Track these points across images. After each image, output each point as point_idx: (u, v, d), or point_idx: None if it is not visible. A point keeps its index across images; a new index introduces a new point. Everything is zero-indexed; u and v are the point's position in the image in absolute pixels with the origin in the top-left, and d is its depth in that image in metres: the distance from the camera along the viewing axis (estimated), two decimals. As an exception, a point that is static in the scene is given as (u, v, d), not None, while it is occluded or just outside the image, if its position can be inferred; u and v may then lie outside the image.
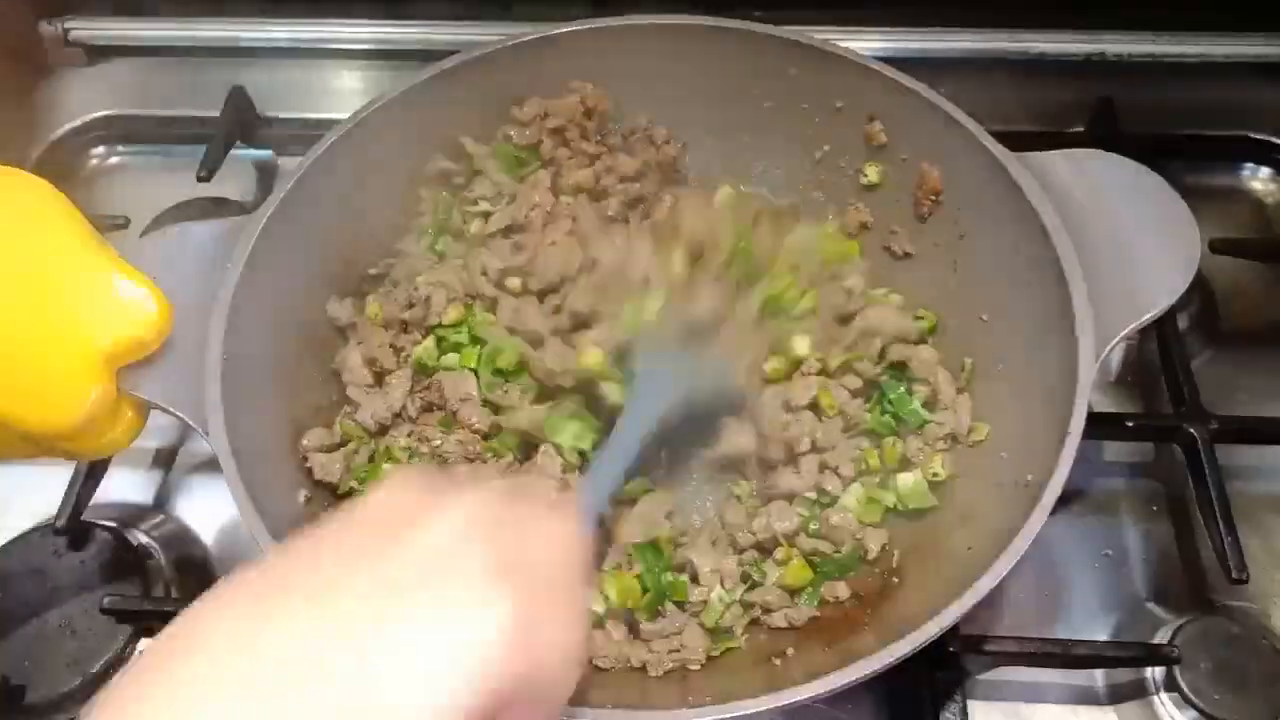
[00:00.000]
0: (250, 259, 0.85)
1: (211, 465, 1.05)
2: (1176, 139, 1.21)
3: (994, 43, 1.28)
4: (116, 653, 0.91)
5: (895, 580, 0.84)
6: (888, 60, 0.97)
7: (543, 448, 0.89)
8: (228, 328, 0.81)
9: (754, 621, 0.85)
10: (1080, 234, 0.84)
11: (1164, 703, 0.88)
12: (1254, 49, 1.26)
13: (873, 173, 1.02)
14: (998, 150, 0.90)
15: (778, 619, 0.83)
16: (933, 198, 0.97)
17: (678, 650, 0.81)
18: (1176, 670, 0.87)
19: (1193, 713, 0.86)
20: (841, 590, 0.85)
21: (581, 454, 0.89)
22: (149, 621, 0.92)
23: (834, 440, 0.91)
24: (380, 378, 0.94)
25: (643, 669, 0.80)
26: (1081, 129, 1.22)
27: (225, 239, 0.86)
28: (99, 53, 1.35)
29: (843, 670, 0.68)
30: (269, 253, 0.87)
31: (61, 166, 1.29)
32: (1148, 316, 0.81)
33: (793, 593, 0.85)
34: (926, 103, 0.94)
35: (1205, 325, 1.10)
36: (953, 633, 0.83)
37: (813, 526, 0.87)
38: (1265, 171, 1.22)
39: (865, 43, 1.23)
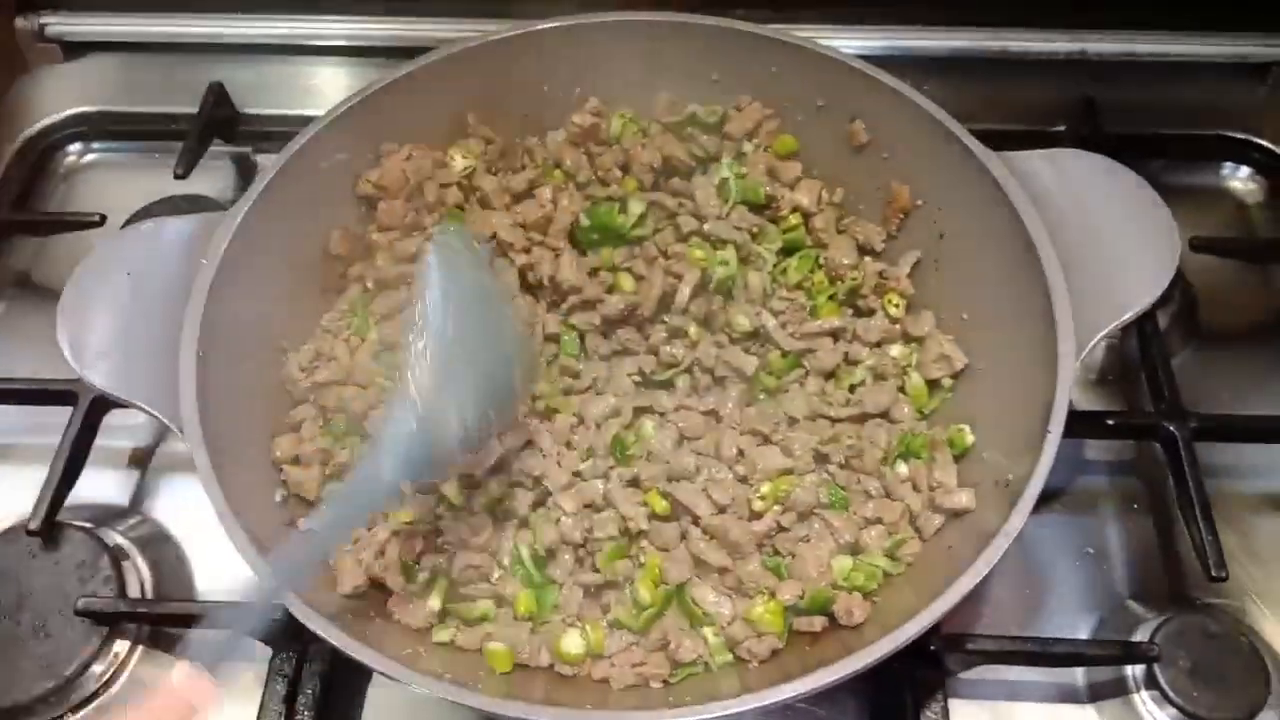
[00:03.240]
0: (226, 254, 0.84)
1: (187, 466, 1.02)
2: (1157, 138, 1.21)
3: (976, 42, 1.28)
4: (91, 655, 0.90)
5: (878, 585, 0.84)
6: (869, 59, 0.97)
7: None
8: (202, 324, 0.81)
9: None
10: (1060, 233, 0.84)
11: (1144, 700, 0.88)
12: (1233, 49, 1.27)
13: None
14: (978, 149, 0.90)
15: (751, 648, 0.81)
16: (902, 215, 0.98)
17: (641, 665, 0.80)
18: (1156, 668, 0.87)
19: (1172, 710, 0.86)
20: (818, 622, 0.82)
21: None
22: (124, 623, 0.91)
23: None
24: None
25: (605, 682, 0.80)
26: (1063, 128, 1.22)
27: (201, 234, 0.85)
28: (75, 48, 1.34)
29: (822, 670, 0.68)
30: (245, 249, 0.86)
31: (36, 163, 1.28)
32: (1127, 316, 0.81)
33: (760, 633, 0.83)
34: (907, 102, 0.94)
35: (1185, 323, 1.10)
36: (934, 631, 0.83)
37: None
38: (1245, 170, 1.23)
39: (848, 41, 1.23)
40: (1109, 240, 0.84)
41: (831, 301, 0.97)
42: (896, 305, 0.97)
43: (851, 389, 0.94)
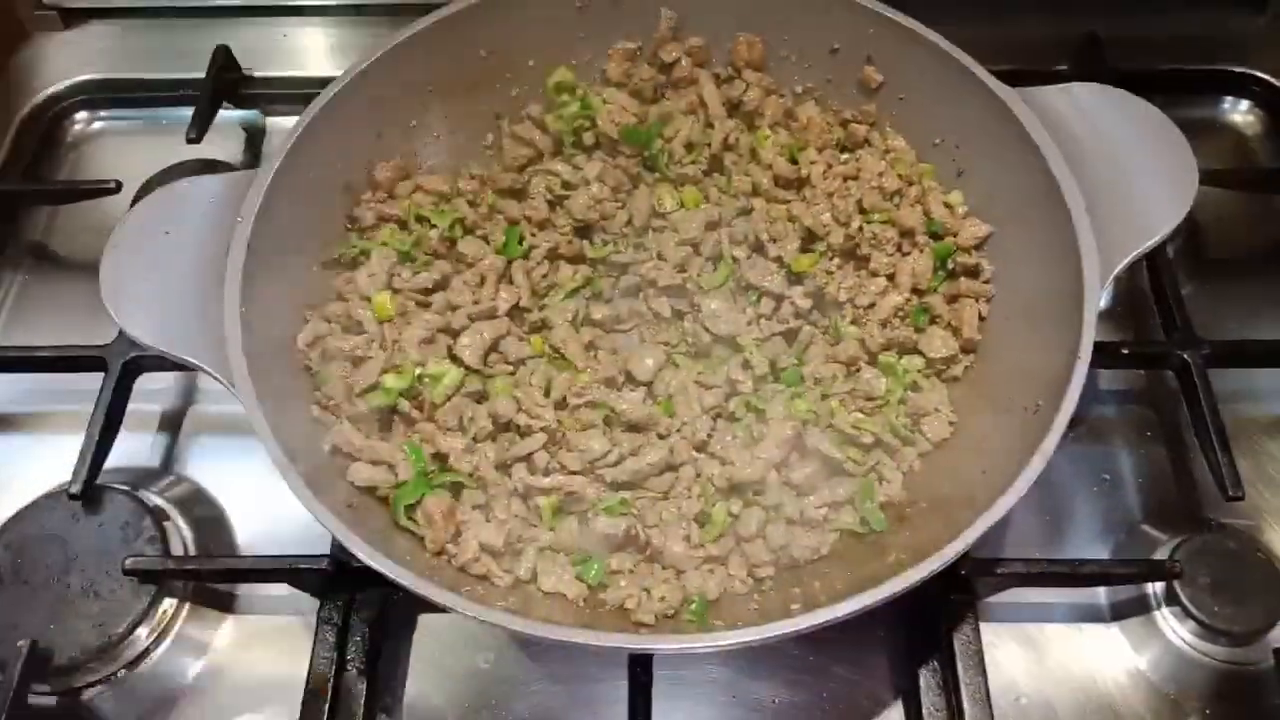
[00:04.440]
0: (260, 210, 0.85)
1: (218, 426, 1.06)
2: (1160, 73, 1.23)
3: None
4: (140, 613, 0.91)
5: (910, 511, 0.86)
6: (876, 2, 0.98)
7: None
8: (242, 279, 0.82)
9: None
10: (1079, 166, 0.86)
11: (1165, 617, 0.92)
12: (1231, -17, 1.28)
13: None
14: (996, 86, 0.91)
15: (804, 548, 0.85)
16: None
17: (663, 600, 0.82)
18: (1177, 585, 0.90)
19: (1193, 624, 0.90)
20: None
21: None
22: (172, 580, 0.93)
23: None
24: None
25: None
26: (1066, 66, 1.23)
27: (233, 192, 0.86)
28: (75, 15, 1.32)
29: (869, 591, 0.70)
30: (277, 205, 0.87)
31: (44, 132, 1.27)
32: (1150, 243, 0.83)
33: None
34: (923, 40, 0.95)
35: (1192, 254, 1.13)
36: (964, 556, 0.85)
37: None
38: (1245, 104, 1.25)
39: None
40: (1127, 169, 0.86)
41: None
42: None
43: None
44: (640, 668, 0.83)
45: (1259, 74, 1.23)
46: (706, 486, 0.86)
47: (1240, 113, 1.25)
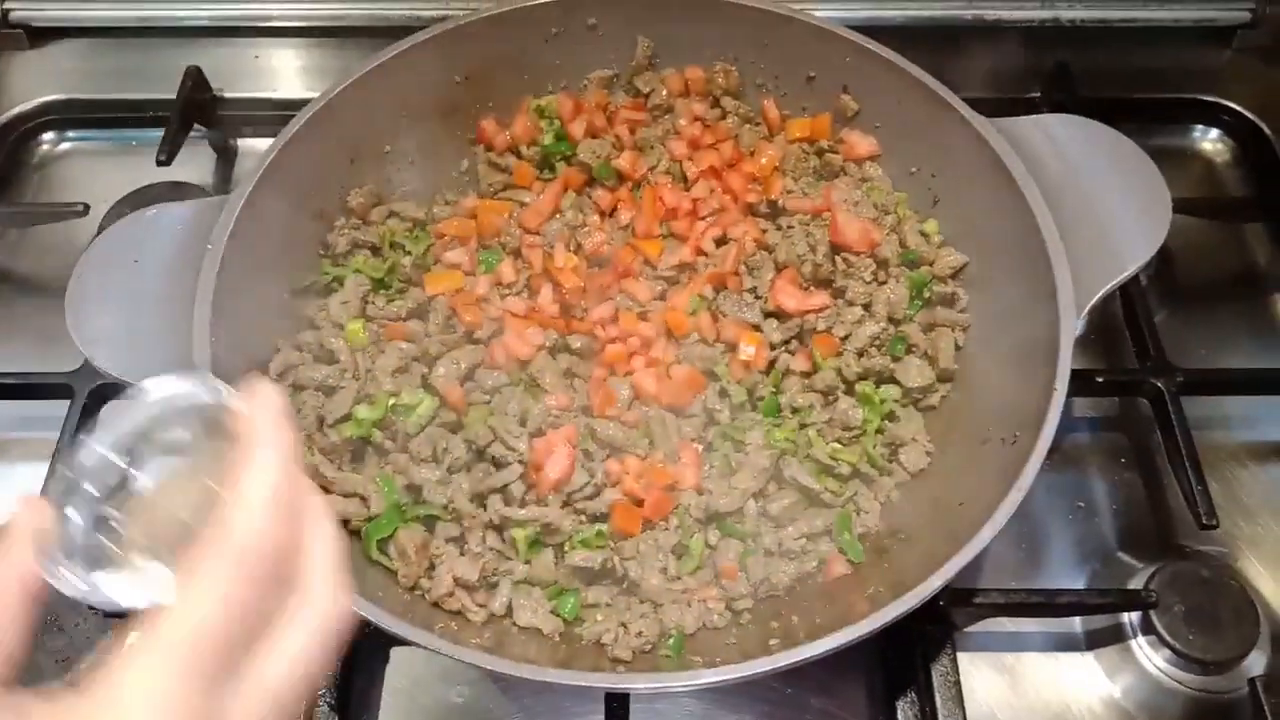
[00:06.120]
0: (230, 238, 0.84)
1: (187, 455, 1.04)
2: (1129, 102, 1.24)
3: (951, 10, 1.29)
4: (106, 648, 0.89)
5: (888, 542, 0.86)
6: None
7: None
8: (212, 309, 0.80)
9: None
10: (1054, 196, 0.86)
11: (1141, 645, 0.92)
12: (1199, 13, 1.29)
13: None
14: (970, 115, 0.92)
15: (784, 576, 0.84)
16: None
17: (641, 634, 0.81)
18: (1153, 614, 0.90)
19: (1168, 653, 0.90)
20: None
21: None
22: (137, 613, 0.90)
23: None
24: None
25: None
26: (1038, 94, 1.24)
27: (203, 219, 0.85)
28: (42, 34, 1.30)
29: (854, 625, 0.69)
30: (248, 232, 0.86)
31: (10, 152, 1.24)
32: (1126, 274, 0.83)
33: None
34: (900, 71, 0.95)
35: (1164, 282, 1.13)
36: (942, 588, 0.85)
37: None
38: (1214, 132, 1.26)
39: (826, 12, 1.23)
40: (1101, 201, 0.87)
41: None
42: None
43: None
44: (616, 703, 0.81)
45: (1228, 103, 1.25)
46: (684, 517, 0.85)
47: (1210, 141, 1.26)
